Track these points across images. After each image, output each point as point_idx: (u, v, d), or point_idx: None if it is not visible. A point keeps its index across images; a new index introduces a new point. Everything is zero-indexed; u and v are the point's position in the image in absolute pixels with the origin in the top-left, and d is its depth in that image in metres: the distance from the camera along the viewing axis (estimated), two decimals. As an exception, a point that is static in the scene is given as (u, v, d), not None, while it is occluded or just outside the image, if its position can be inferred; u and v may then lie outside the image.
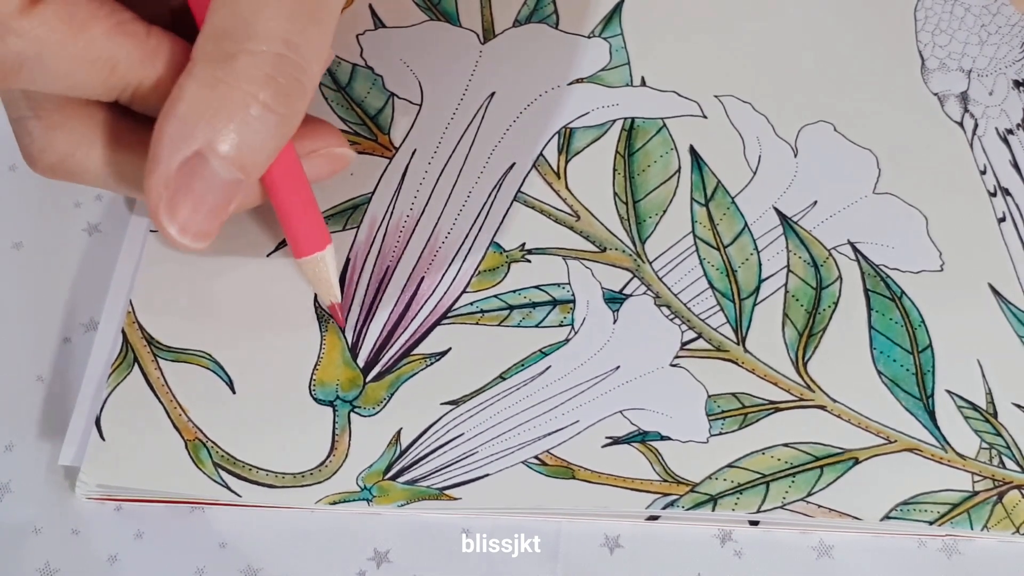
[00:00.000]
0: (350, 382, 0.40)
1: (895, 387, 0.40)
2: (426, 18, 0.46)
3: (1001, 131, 0.44)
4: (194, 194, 0.32)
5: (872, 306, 0.41)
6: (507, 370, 0.40)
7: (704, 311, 0.41)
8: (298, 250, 0.38)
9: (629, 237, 0.42)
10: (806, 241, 0.42)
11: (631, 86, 0.45)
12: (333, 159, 0.39)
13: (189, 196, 0.32)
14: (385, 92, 0.45)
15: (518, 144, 0.44)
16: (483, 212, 0.42)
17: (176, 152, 0.32)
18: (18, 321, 0.42)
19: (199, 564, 0.38)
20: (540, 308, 0.41)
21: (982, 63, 0.46)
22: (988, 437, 0.39)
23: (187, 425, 0.39)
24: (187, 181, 0.32)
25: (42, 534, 0.39)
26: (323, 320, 0.41)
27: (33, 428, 0.40)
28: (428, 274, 0.41)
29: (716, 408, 0.39)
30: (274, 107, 0.32)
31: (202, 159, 0.32)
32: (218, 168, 0.32)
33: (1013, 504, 0.38)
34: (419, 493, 0.38)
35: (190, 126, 0.32)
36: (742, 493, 0.38)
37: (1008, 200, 0.43)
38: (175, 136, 0.32)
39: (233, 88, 0.31)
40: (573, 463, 0.38)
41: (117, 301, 0.41)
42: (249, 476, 0.38)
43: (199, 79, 0.32)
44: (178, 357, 0.40)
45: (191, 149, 0.32)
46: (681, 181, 0.43)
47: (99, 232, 0.43)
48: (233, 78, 0.31)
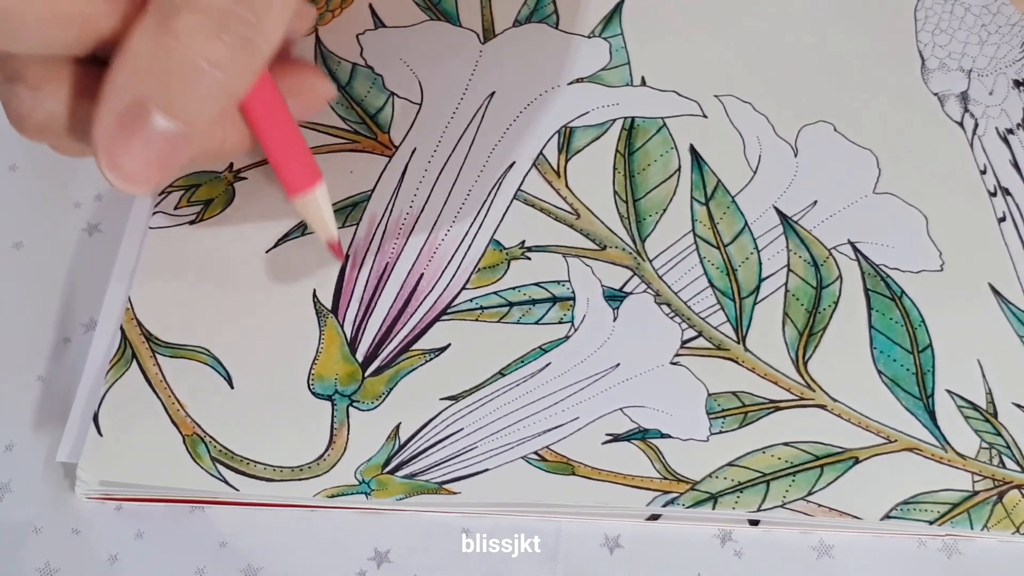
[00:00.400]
0: (349, 376, 0.40)
1: (895, 387, 0.40)
2: (426, 18, 0.47)
3: (1001, 131, 0.44)
4: (135, 143, 0.32)
5: (872, 306, 0.41)
6: (507, 366, 0.40)
7: (704, 310, 0.41)
8: (289, 189, 0.38)
9: (629, 235, 0.42)
10: (806, 240, 0.42)
11: (631, 86, 0.45)
12: (315, 97, 0.38)
13: (130, 144, 0.32)
14: (385, 91, 0.45)
15: (518, 143, 0.44)
16: (483, 210, 0.42)
17: (117, 101, 0.32)
18: (18, 321, 0.42)
19: (199, 564, 0.38)
20: (540, 305, 0.41)
21: (982, 63, 0.46)
22: (988, 437, 0.39)
23: (185, 420, 0.39)
24: (128, 129, 0.32)
25: (42, 534, 0.38)
26: (322, 315, 0.41)
27: (33, 428, 0.40)
28: (427, 270, 0.41)
29: (716, 406, 0.39)
30: (218, 63, 0.32)
31: (143, 109, 0.32)
32: (160, 120, 0.32)
33: (1013, 504, 0.38)
34: (418, 487, 0.38)
35: (133, 76, 0.32)
36: (742, 492, 0.38)
37: (1008, 200, 0.43)
38: (118, 84, 0.32)
39: (176, 41, 0.31)
40: (573, 459, 0.38)
41: (116, 298, 0.41)
42: (247, 470, 0.38)
43: (146, 30, 0.32)
44: (176, 353, 0.40)
45: (130, 98, 0.32)
46: (681, 180, 0.43)
47: (99, 232, 0.43)
48: (177, 31, 0.31)
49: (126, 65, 0.32)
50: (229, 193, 0.43)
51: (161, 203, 0.43)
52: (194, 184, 0.43)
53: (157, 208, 0.43)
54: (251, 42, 0.32)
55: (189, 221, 0.42)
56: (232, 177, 0.43)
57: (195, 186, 0.43)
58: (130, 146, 0.32)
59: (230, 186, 0.43)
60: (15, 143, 0.44)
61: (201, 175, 0.43)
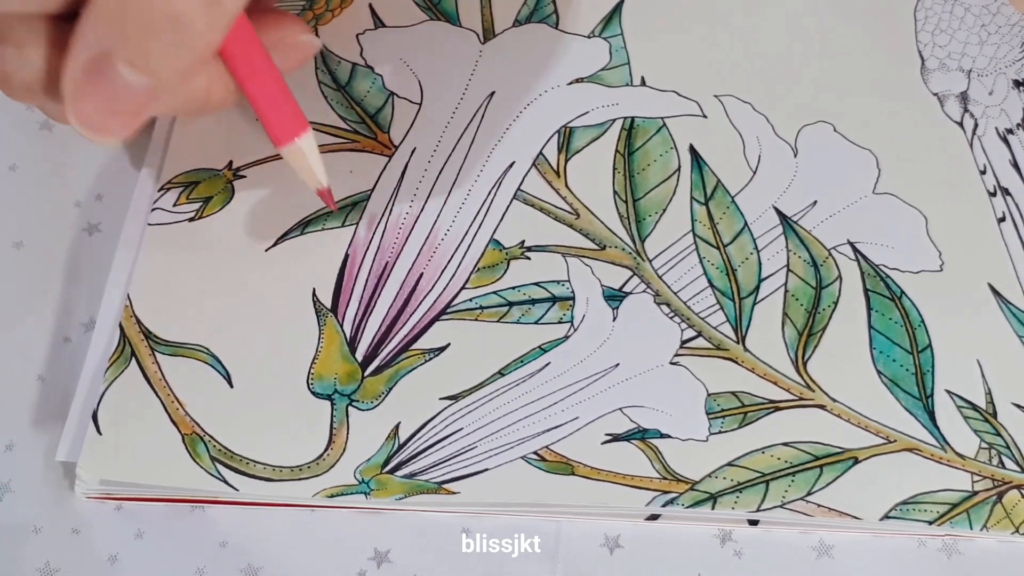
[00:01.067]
0: (348, 376, 0.40)
1: (895, 387, 0.40)
2: (426, 18, 0.47)
3: (1001, 131, 0.44)
4: (101, 93, 0.32)
5: (872, 306, 0.41)
6: (506, 366, 0.40)
7: (704, 310, 0.41)
8: (276, 138, 0.38)
9: (629, 235, 0.42)
10: (806, 241, 0.42)
11: (631, 86, 0.45)
12: (299, 47, 0.38)
13: (96, 95, 0.32)
14: (385, 91, 0.45)
15: (518, 143, 0.44)
16: (482, 210, 0.42)
17: (82, 51, 0.32)
18: (18, 321, 0.42)
19: (199, 564, 0.38)
20: (539, 305, 0.41)
21: (982, 63, 0.46)
22: (987, 437, 0.39)
23: (184, 419, 0.39)
24: (93, 81, 0.32)
25: (42, 534, 0.39)
26: (321, 314, 0.41)
27: (33, 427, 0.40)
28: (427, 270, 0.41)
29: (716, 406, 0.39)
30: (183, 15, 0.32)
31: (109, 61, 0.32)
32: (125, 72, 0.32)
33: (1012, 504, 0.38)
34: (417, 487, 0.38)
35: (98, 28, 0.32)
36: (742, 492, 0.38)
37: (1008, 200, 0.43)
38: (83, 36, 0.32)
39: None
40: (572, 459, 0.38)
41: (114, 296, 0.41)
42: (246, 470, 0.38)
43: None
44: (176, 351, 0.40)
45: (95, 50, 0.32)
46: (681, 180, 0.43)
47: (99, 232, 0.43)
48: None
49: (91, 17, 0.32)
50: (228, 191, 0.43)
51: (160, 200, 0.43)
52: (193, 181, 0.43)
53: (156, 205, 0.43)
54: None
55: (188, 218, 0.42)
56: (231, 175, 0.43)
57: (194, 183, 0.43)
58: (94, 97, 0.32)
59: (229, 184, 0.43)
60: (15, 143, 0.45)
61: (200, 172, 0.43)
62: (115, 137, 0.34)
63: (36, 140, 0.45)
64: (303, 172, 0.39)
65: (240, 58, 0.36)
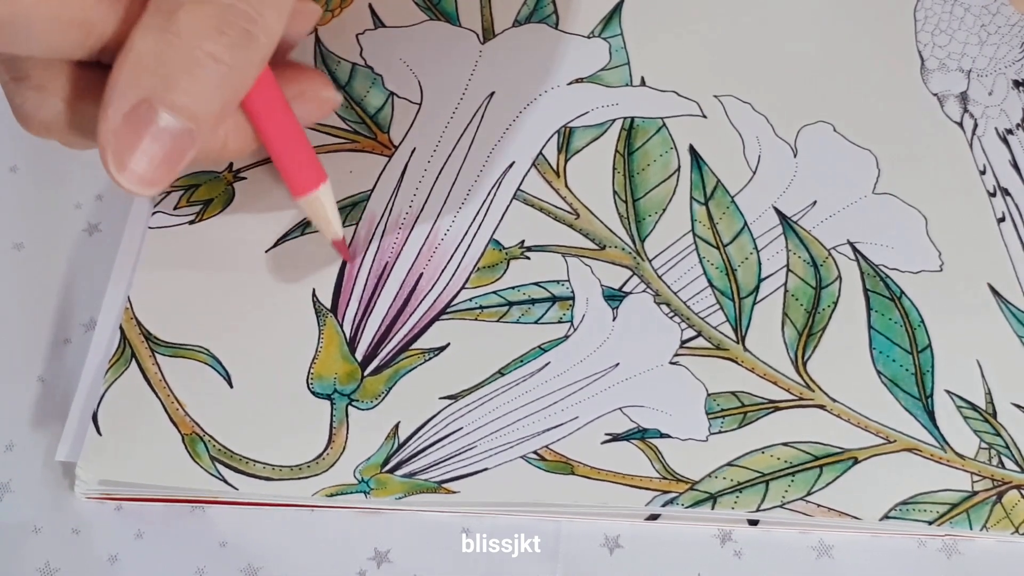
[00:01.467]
0: (348, 376, 0.40)
1: (894, 387, 0.40)
2: (426, 18, 0.47)
3: (1001, 131, 0.44)
4: (143, 143, 0.32)
5: (872, 306, 0.41)
6: (506, 366, 0.40)
7: (703, 309, 0.41)
8: (294, 189, 0.38)
9: (628, 235, 0.42)
10: (806, 241, 0.42)
11: (631, 86, 0.45)
12: (320, 102, 0.39)
13: (138, 144, 0.33)
14: (385, 91, 0.45)
15: (517, 143, 0.44)
16: (482, 210, 0.42)
17: (123, 100, 0.32)
18: (18, 322, 0.42)
19: (199, 564, 0.38)
20: (539, 305, 0.41)
21: (982, 63, 0.46)
22: (987, 437, 0.39)
23: (184, 419, 0.39)
24: (135, 129, 0.32)
25: (42, 534, 0.39)
26: (321, 314, 0.41)
27: (33, 428, 0.40)
28: (427, 270, 0.41)
29: (716, 406, 0.39)
30: (221, 57, 0.32)
31: (150, 108, 0.32)
32: (166, 118, 0.32)
33: (1012, 504, 0.38)
34: (417, 486, 0.38)
35: (137, 75, 0.32)
36: (741, 492, 0.38)
37: (1008, 200, 0.43)
38: (123, 84, 0.32)
39: (179, 38, 0.32)
40: (572, 459, 0.38)
41: (115, 297, 0.41)
42: (246, 469, 0.38)
43: (148, 28, 0.32)
44: (176, 352, 0.40)
45: (137, 97, 0.32)
46: (681, 180, 0.43)
47: (99, 232, 0.44)
48: (179, 28, 0.32)
49: (129, 64, 0.32)
50: (229, 193, 0.43)
51: (161, 203, 0.43)
52: (194, 184, 0.43)
53: (157, 208, 0.43)
54: (252, 35, 0.33)
55: (189, 221, 0.42)
56: (232, 177, 0.43)
57: (195, 186, 0.43)
58: (138, 146, 0.32)
59: (230, 186, 0.43)
60: (16, 144, 0.45)
61: (200, 175, 0.43)
62: (156, 188, 0.34)
63: (37, 141, 0.45)
64: (319, 222, 0.39)
65: (262, 108, 0.36)
